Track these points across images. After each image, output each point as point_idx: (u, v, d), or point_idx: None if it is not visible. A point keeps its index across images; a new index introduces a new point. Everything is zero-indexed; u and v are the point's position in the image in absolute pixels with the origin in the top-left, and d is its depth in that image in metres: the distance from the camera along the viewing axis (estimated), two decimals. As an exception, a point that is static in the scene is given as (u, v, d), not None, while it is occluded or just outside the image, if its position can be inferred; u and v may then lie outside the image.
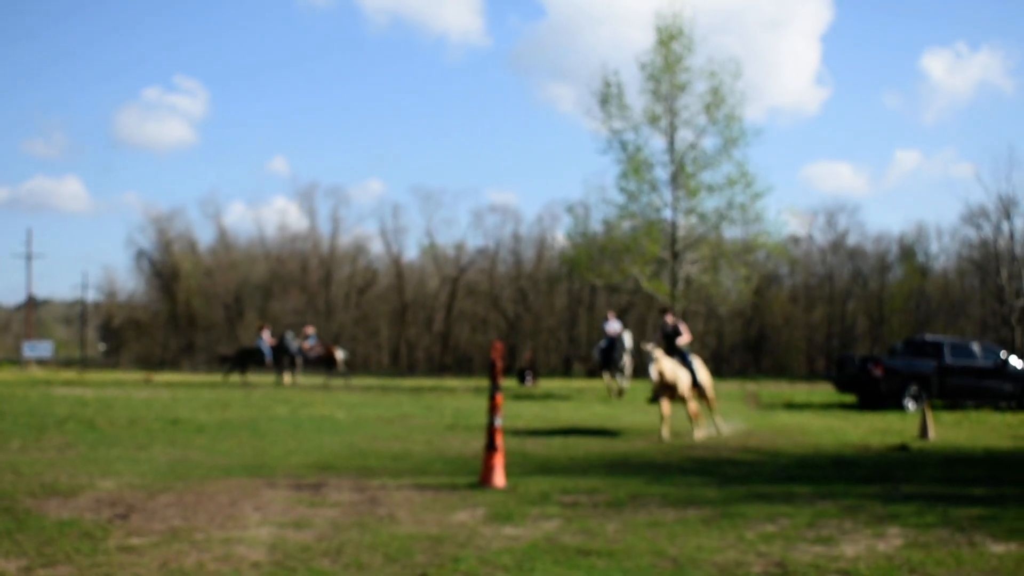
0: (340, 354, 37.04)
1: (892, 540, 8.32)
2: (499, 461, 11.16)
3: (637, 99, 39.25)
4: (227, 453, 14.03)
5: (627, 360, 30.64)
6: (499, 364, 11.50)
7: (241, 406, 22.38)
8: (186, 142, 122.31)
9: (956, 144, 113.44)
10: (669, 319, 20.11)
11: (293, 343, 36.66)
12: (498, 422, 11.25)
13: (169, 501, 9.64)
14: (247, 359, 37.34)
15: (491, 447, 11.15)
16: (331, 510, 9.33)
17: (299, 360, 36.51)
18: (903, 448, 16.98)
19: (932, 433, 19.59)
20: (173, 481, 10.98)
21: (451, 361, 73.69)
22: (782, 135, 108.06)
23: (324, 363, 37.01)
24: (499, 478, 11.09)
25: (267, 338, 37.19)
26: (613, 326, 30.83)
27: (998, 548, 8.06)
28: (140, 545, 7.64)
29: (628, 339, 31.02)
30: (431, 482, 11.32)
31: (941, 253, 79.94)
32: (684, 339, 19.63)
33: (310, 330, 38.53)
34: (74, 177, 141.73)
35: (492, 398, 11.34)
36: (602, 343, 32.10)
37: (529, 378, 40.81)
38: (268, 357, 36.51)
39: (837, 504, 10.18)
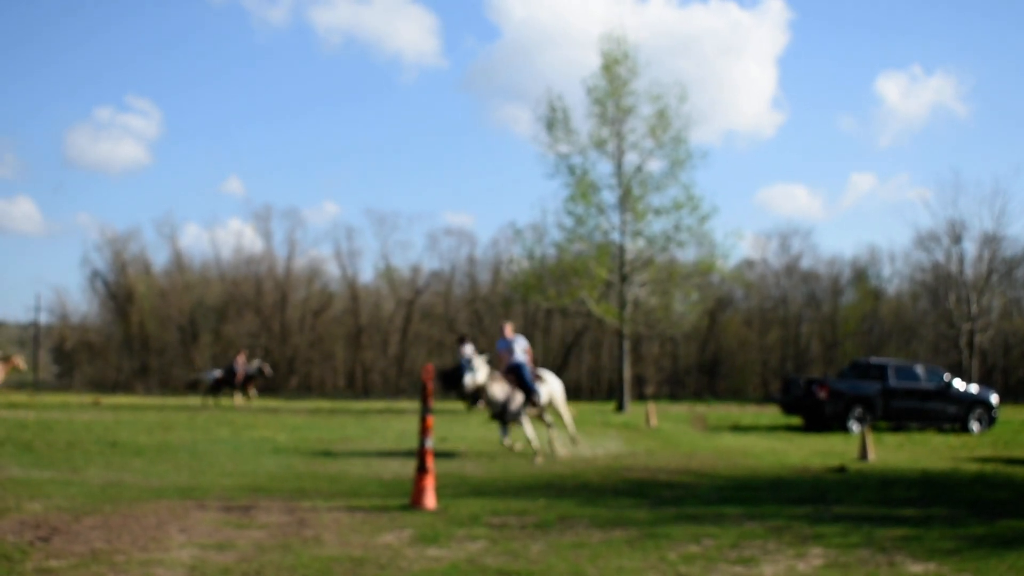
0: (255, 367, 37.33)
1: (812, 560, 8.39)
2: (430, 483, 11.16)
3: (584, 123, 39.48)
4: (162, 475, 13.97)
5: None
6: (430, 386, 11.52)
7: (184, 428, 22.29)
8: (139, 162, 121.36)
9: (910, 168, 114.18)
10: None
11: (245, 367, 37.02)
12: (429, 444, 11.27)
13: (94, 523, 9.58)
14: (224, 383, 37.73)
15: (422, 469, 11.16)
16: (257, 532, 9.31)
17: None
18: (841, 470, 17.08)
19: (872, 455, 19.73)
20: (102, 503, 10.92)
21: (407, 384, 73.41)
22: (739, 158, 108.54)
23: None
24: (430, 500, 11.09)
25: (241, 363, 37.54)
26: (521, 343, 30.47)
27: (916, 568, 8.14)
28: (58, 567, 7.59)
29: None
30: (363, 504, 11.31)
31: (894, 276, 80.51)
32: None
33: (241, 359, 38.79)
34: (26, 198, 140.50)
35: (423, 420, 11.35)
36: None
37: (480, 402, 40.73)
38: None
39: (764, 525, 10.23)
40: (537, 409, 19.68)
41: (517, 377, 19.13)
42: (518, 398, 18.85)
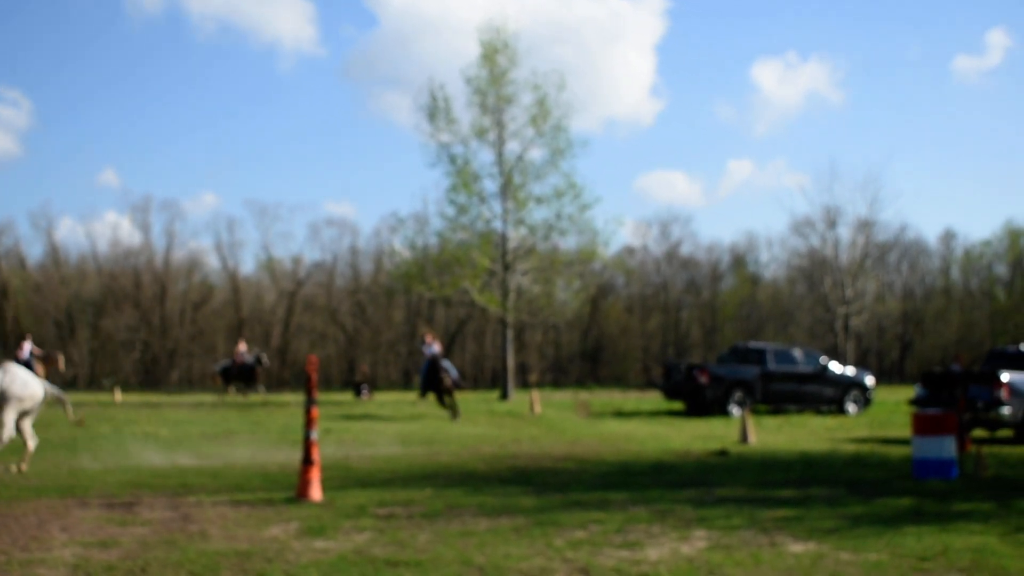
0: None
1: (696, 543, 8.52)
2: (315, 475, 11.12)
3: (465, 112, 39.51)
4: (41, 474, 13.70)
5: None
6: (314, 377, 11.47)
7: (63, 425, 21.84)
8: (10, 153, 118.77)
9: (786, 155, 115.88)
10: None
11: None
12: (314, 436, 11.22)
13: (-28, 524, 9.41)
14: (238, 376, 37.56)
15: (307, 461, 11.11)
16: (141, 528, 9.19)
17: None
18: (723, 453, 17.37)
19: (752, 438, 20.07)
20: (-20, 503, 10.72)
21: (289, 376, 72.78)
22: (618, 146, 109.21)
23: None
24: (316, 492, 11.05)
25: (240, 353, 37.30)
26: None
27: (797, 547, 8.31)
28: (-65, 570, 7.45)
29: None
30: (248, 498, 11.23)
31: (771, 262, 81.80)
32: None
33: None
34: None
35: (308, 412, 11.31)
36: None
37: (365, 392, 40.66)
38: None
39: (649, 509, 10.36)
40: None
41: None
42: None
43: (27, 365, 34.02)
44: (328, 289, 77.58)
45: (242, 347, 38.61)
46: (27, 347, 35.04)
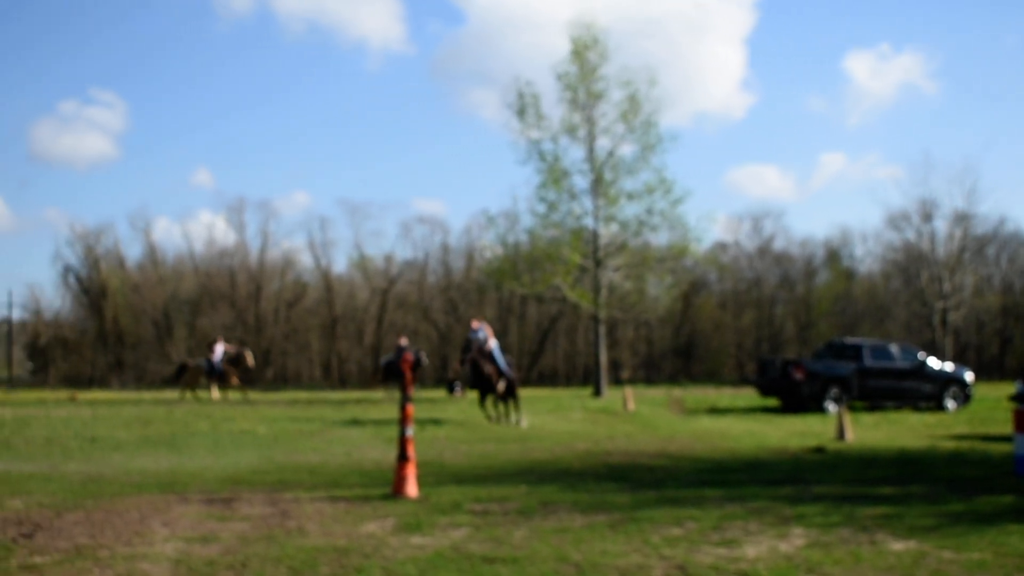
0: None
1: (794, 540, 8.44)
2: (411, 471, 11.16)
3: (555, 108, 39.50)
4: (142, 470, 13.92)
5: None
6: (409, 375, 11.53)
7: (162, 423, 22.20)
8: (107, 156, 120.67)
9: (880, 147, 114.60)
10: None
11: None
12: (409, 432, 11.25)
13: (77, 519, 9.55)
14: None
15: (403, 457, 11.15)
16: (241, 524, 9.30)
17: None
18: (819, 450, 17.21)
19: (849, 434, 19.87)
20: (84, 499, 10.88)
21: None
22: (708, 140, 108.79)
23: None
24: (411, 488, 11.09)
25: (219, 351, 36.93)
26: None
27: (897, 546, 8.20)
28: (43, 564, 7.57)
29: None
30: (344, 494, 11.31)
31: (866, 256, 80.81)
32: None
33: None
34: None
35: (403, 409, 11.34)
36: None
37: (458, 388, 40.73)
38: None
39: (745, 506, 10.28)
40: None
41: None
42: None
43: (212, 370, 34.41)
44: (420, 286, 77.94)
45: (403, 341, 38.83)
46: (219, 349, 35.22)
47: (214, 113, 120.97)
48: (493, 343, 24.58)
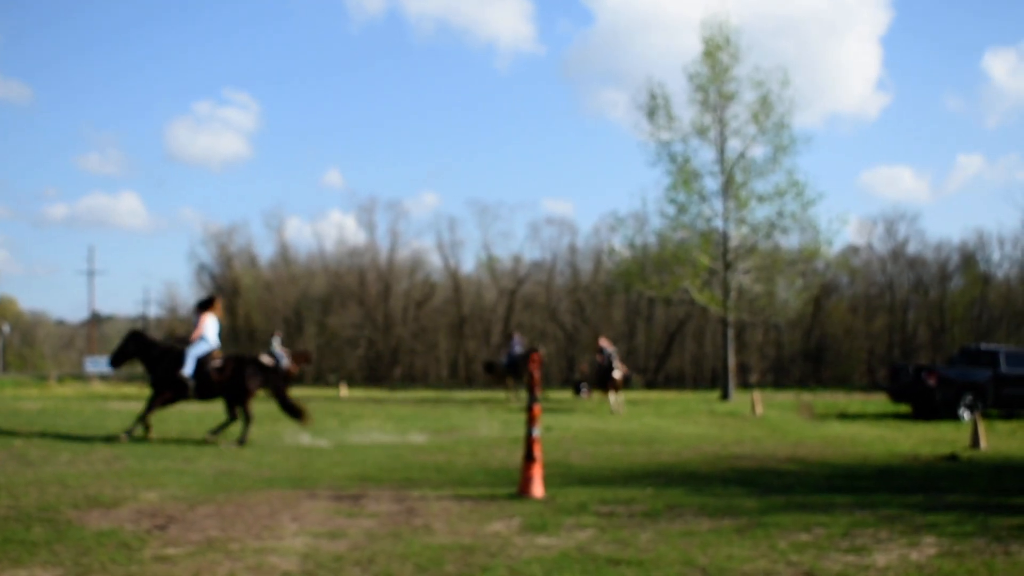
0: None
1: (926, 549, 8.27)
2: (537, 472, 11.16)
3: (685, 109, 39.34)
4: (272, 465, 14.13)
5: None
6: (536, 375, 11.54)
7: (288, 419, 22.48)
8: (240, 156, 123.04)
9: (1019, 148, 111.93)
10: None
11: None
12: (536, 433, 11.25)
13: (209, 512, 9.73)
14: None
15: (529, 458, 11.16)
16: (368, 520, 9.39)
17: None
18: (952, 458, 16.85)
19: (984, 443, 19.42)
20: (215, 493, 11.08)
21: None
22: (841, 141, 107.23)
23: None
24: (537, 488, 11.10)
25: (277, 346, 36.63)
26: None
27: (1034, 557, 8.00)
28: (175, 555, 7.72)
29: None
30: (470, 493, 11.36)
31: (1003, 261, 78.91)
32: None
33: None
34: (131, 193, 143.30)
35: (530, 409, 11.36)
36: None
37: (585, 390, 40.74)
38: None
39: (876, 514, 10.11)
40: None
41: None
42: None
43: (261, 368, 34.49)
44: (547, 288, 77.98)
45: (517, 337, 39.14)
46: (276, 343, 35.53)
47: (345, 114, 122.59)
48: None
